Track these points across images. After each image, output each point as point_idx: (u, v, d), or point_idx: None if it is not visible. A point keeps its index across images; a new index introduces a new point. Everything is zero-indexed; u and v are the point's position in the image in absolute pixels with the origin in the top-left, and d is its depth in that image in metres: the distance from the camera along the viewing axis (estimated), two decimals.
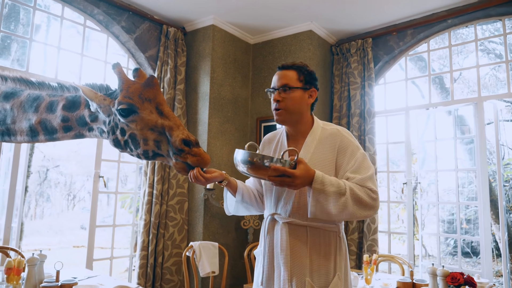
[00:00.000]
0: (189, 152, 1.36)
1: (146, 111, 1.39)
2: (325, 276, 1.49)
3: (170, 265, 3.72)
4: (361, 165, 1.50)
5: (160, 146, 1.39)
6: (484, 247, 3.40)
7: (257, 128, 4.29)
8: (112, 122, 1.44)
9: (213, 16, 3.92)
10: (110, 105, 1.43)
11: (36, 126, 1.53)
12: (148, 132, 1.38)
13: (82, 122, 1.52)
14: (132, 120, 1.39)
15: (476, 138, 3.48)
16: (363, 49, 4.05)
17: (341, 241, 1.57)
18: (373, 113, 3.93)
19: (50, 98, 1.55)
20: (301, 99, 1.59)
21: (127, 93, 1.41)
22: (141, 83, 1.46)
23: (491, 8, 3.41)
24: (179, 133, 1.36)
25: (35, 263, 2.00)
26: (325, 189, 1.38)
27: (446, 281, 1.97)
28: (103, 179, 3.57)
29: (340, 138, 1.57)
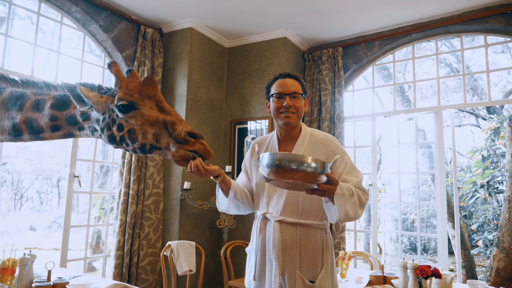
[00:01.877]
0: (195, 142, 1.42)
1: (147, 107, 1.43)
2: (314, 269, 1.63)
3: (145, 264, 3.74)
4: (351, 168, 1.66)
5: (159, 140, 1.43)
6: (441, 243, 3.73)
7: (231, 129, 4.39)
8: (108, 119, 1.46)
9: (191, 19, 3.98)
10: (107, 102, 1.45)
11: (20, 125, 1.51)
12: (148, 127, 1.42)
13: (73, 121, 1.52)
14: (132, 116, 1.42)
15: (436, 143, 3.81)
16: (333, 57, 4.27)
17: (327, 237, 1.72)
18: (342, 118, 4.17)
19: (36, 96, 1.53)
20: (302, 107, 1.75)
21: (127, 90, 1.44)
22: (140, 82, 1.50)
23: (451, 26, 3.75)
24: (184, 127, 1.42)
25: (27, 263, 2.00)
26: (344, 192, 1.46)
27: (416, 273, 2.20)
28: (78, 179, 3.53)
29: (331, 144, 1.72)
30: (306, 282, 1.59)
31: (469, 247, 6.99)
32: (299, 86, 1.74)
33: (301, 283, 1.58)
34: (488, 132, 7.72)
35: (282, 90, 1.71)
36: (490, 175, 7.46)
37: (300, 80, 1.76)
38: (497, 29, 3.59)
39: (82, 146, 7.80)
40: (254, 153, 1.86)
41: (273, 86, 1.76)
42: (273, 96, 1.74)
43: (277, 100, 1.73)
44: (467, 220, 8.11)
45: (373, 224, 4.14)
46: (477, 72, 5.04)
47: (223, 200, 1.80)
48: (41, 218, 10.77)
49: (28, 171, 10.81)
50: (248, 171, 1.87)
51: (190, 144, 1.41)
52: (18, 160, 10.48)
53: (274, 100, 1.74)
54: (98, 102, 1.45)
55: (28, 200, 11.18)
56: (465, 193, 7.92)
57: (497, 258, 4.83)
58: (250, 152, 1.89)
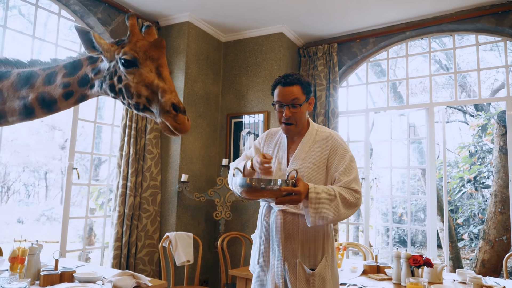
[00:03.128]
0: (175, 116, 1.42)
1: (147, 69, 1.45)
2: (314, 258, 1.71)
3: (143, 255, 3.80)
4: (348, 167, 1.70)
5: (151, 103, 1.46)
6: (430, 236, 3.86)
7: (227, 123, 4.46)
8: (112, 69, 1.50)
9: (189, 13, 4.01)
10: (116, 52, 1.48)
11: (32, 103, 1.53)
12: (143, 88, 1.45)
13: (85, 81, 1.55)
14: (130, 72, 1.45)
15: (427, 139, 3.93)
16: (329, 53, 4.35)
17: (328, 228, 1.79)
18: (337, 114, 4.26)
19: (46, 71, 1.56)
20: (305, 110, 1.80)
21: (134, 46, 1.46)
22: (149, 41, 1.50)
23: (444, 24, 3.85)
24: (171, 96, 1.43)
25: (35, 252, 2.05)
26: (320, 197, 1.56)
27: (409, 262, 2.31)
28: (76, 171, 3.56)
29: (332, 141, 1.77)
30: (307, 270, 1.66)
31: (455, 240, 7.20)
32: (299, 91, 1.75)
33: (301, 271, 1.66)
34: (475, 129, 7.92)
35: (282, 99, 1.75)
36: (477, 171, 7.67)
37: (301, 82, 1.77)
38: (488, 29, 3.70)
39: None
40: (267, 140, 1.94)
41: (275, 91, 1.80)
42: (275, 104, 1.80)
43: (278, 109, 1.78)
44: (454, 214, 8.34)
45: (364, 217, 4.26)
46: (468, 70, 5.17)
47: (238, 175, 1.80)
48: (29, 211, 10.66)
49: (15, 164, 10.69)
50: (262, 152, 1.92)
51: (169, 116, 1.42)
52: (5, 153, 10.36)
53: (276, 108, 1.80)
54: (107, 49, 1.48)
55: (15, 193, 11.06)
56: (452, 188, 8.13)
57: (482, 250, 5.01)
58: (264, 139, 1.95)
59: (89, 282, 2.10)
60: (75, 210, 9.34)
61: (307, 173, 1.73)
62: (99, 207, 7.54)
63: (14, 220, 10.19)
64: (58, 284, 2.04)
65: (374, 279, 2.51)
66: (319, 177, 1.73)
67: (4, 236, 9.19)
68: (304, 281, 1.66)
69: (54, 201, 11.10)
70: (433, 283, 2.36)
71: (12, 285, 1.59)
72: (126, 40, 1.49)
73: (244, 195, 1.55)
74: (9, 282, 1.80)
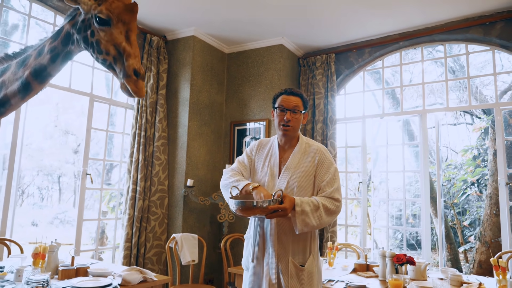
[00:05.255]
0: (135, 81, 1.60)
1: (117, 30, 1.61)
2: (303, 255, 1.92)
3: (151, 255, 4.05)
4: (332, 179, 1.93)
5: (116, 63, 1.62)
6: (425, 237, 4.03)
7: (231, 130, 4.70)
8: (86, 22, 1.63)
9: (194, 27, 4.27)
10: (92, 7, 1.61)
11: (27, 78, 1.69)
12: (111, 47, 1.60)
13: (67, 39, 1.70)
14: (102, 30, 1.59)
15: (420, 144, 4.11)
16: (327, 63, 4.56)
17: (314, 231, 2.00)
18: (335, 120, 4.46)
19: (37, 49, 1.73)
20: (300, 120, 2.03)
21: (110, 6, 1.58)
22: (124, 4, 1.62)
23: (435, 35, 4.04)
24: (134, 62, 1.60)
25: (54, 250, 2.31)
26: (305, 209, 1.79)
27: (393, 261, 2.50)
28: (90, 176, 3.83)
29: (319, 154, 1.99)
30: (298, 266, 1.88)
31: (461, 242, 7.30)
32: (300, 102, 2.01)
33: (293, 267, 1.88)
34: (479, 131, 8.02)
35: (285, 105, 2.00)
36: (480, 173, 7.76)
37: (302, 97, 2.04)
38: (477, 39, 3.88)
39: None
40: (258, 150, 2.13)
41: (278, 99, 2.04)
42: (277, 109, 2.03)
43: (279, 113, 2.01)
44: (461, 216, 8.42)
45: (362, 219, 4.44)
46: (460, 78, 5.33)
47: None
48: (43, 214, 10.96)
49: (29, 168, 11.05)
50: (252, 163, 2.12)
51: (130, 80, 1.59)
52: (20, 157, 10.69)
53: (278, 112, 2.03)
54: (85, 2, 1.63)
55: (29, 196, 11.39)
56: (457, 190, 8.22)
57: (479, 251, 5.13)
58: (256, 149, 2.14)
59: (102, 276, 2.35)
60: (88, 213, 9.65)
61: (298, 181, 1.93)
62: (111, 210, 7.84)
63: (28, 223, 10.52)
64: (74, 278, 2.30)
65: (362, 276, 2.71)
66: (308, 185, 1.95)
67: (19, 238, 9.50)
68: (295, 276, 1.87)
69: (67, 204, 11.42)
70: (416, 280, 2.55)
71: (36, 276, 1.84)
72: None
73: (239, 212, 1.76)
74: (33, 274, 2.06)
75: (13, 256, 2.69)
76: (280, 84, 4.42)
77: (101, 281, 2.20)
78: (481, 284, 2.42)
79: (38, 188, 11.44)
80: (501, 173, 3.74)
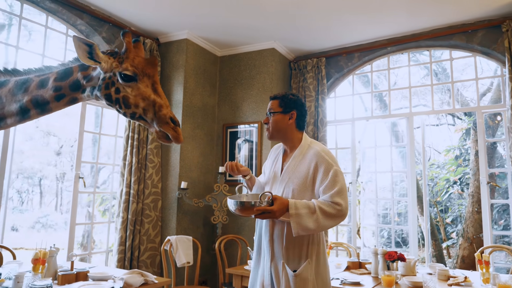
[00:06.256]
0: (174, 128, 1.66)
1: (143, 84, 1.66)
2: (298, 261, 1.90)
3: (145, 258, 4.08)
4: (331, 182, 1.86)
5: (146, 114, 1.67)
6: (412, 235, 4.18)
7: (224, 133, 4.76)
8: (108, 80, 1.64)
9: (187, 31, 4.32)
10: (113, 65, 1.63)
11: (27, 104, 1.68)
12: (140, 100, 1.66)
13: (76, 86, 1.70)
14: (129, 86, 1.63)
15: (407, 145, 4.25)
16: (317, 66, 4.67)
17: (314, 235, 1.96)
18: (325, 123, 4.57)
19: (39, 77, 1.71)
20: (281, 121, 2.03)
21: (133, 63, 1.64)
22: (145, 59, 1.68)
23: (421, 41, 4.19)
24: (168, 111, 1.68)
25: (53, 255, 2.34)
26: (299, 212, 1.77)
27: (385, 258, 2.61)
28: (83, 180, 3.84)
29: (317, 157, 1.95)
30: (289, 271, 1.87)
31: (444, 238, 7.53)
32: (275, 104, 2.05)
33: (285, 272, 1.88)
34: (461, 132, 8.28)
35: (267, 110, 2.10)
36: (462, 172, 8.02)
37: (280, 98, 2.06)
38: (460, 45, 4.05)
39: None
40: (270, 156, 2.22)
41: None
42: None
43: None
44: (443, 214, 8.67)
45: (353, 219, 4.57)
46: (444, 82, 5.52)
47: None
48: (23, 218, 10.68)
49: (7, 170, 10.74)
50: (265, 171, 2.22)
51: (168, 127, 1.66)
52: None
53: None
54: (106, 61, 1.63)
55: (8, 200, 11.11)
56: (440, 189, 8.48)
57: (462, 247, 5.33)
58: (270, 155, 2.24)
59: (102, 280, 2.39)
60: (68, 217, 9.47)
61: (295, 186, 1.94)
62: (102, 214, 7.79)
63: (8, 228, 10.28)
64: (74, 283, 2.33)
65: (355, 273, 2.82)
66: (306, 189, 1.93)
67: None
68: (286, 281, 1.86)
69: (49, 208, 11.20)
70: (406, 275, 2.67)
71: (41, 281, 1.87)
72: (122, 55, 1.65)
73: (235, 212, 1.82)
74: (33, 280, 2.08)
75: (9, 262, 2.66)
76: (272, 87, 4.51)
77: (103, 285, 2.24)
78: (466, 278, 2.56)
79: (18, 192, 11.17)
80: (482, 172, 3.91)
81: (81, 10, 3.75)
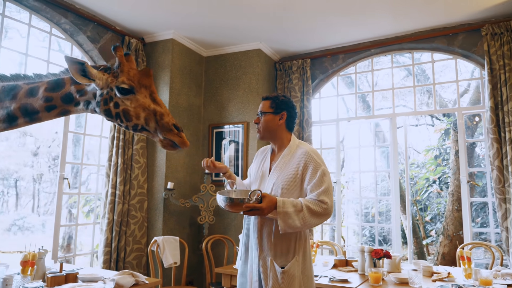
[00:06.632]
0: (178, 134, 1.67)
1: (142, 95, 1.67)
2: (285, 257, 1.95)
3: (131, 259, 4.04)
4: (319, 181, 1.93)
5: (148, 123, 1.67)
6: (395, 233, 4.28)
7: (209, 133, 4.76)
8: (106, 95, 1.63)
9: (173, 31, 4.30)
10: (108, 80, 1.63)
11: (15, 112, 1.63)
12: (141, 111, 1.66)
13: (68, 99, 1.67)
14: (128, 99, 1.63)
15: (390, 145, 4.35)
16: (303, 67, 4.73)
17: (301, 232, 2.01)
18: (311, 123, 4.63)
19: (29, 85, 1.66)
20: (271, 121, 2.08)
21: (128, 75, 1.63)
22: (139, 71, 1.68)
23: (404, 43, 4.30)
24: (170, 118, 1.68)
25: (42, 257, 2.30)
26: (287, 210, 1.82)
27: (371, 255, 2.68)
28: (67, 181, 3.78)
29: (306, 157, 2.01)
30: (277, 268, 1.91)
31: (423, 236, 7.72)
32: (267, 104, 2.11)
33: (273, 268, 1.92)
34: (440, 133, 8.51)
35: (258, 111, 2.14)
36: (441, 172, 8.24)
37: (272, 99, 2.11)
38: (441, 48, 4.17)
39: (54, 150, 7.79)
40: (256, 158, 2.26)
41: None
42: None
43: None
44: (423, 212, 8.89)
45: (337, 217, 4.64)
46: (426, 84, 5.68)
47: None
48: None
49: None
50: (250, 173, 2.26)
51: (173, 134, 1.66)
52: None
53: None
54: (100, 78, 1.62)
55: None
56: (420, 188, 8.68)
57: (442, 244, 5.48)
58: (255, 158, 2.28)
59: (92, 281, 2.37)
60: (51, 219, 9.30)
61: (284, 184, 1.98)
62: (85, 215, 7.66)
63: None
64: (64, 285, 2.30)
65: (342, 271, 2.88)
66: (294, 188, 1.98)
67: None
68: (274, 277, 1.90)
69: (26, 209, 10.94)
70: (392, 272, 2.75)
71: (32, 284, 1.85)
72: (117, 70, 1.65)
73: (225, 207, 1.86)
74: (23, 283, 2.05)
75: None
76: (258, 88, 4.54)
77: (93, 286, 2.22)
78: (449, 273, 2.65)
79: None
80: (462, 172, 4.04)
81: (66, 8, 3.69)
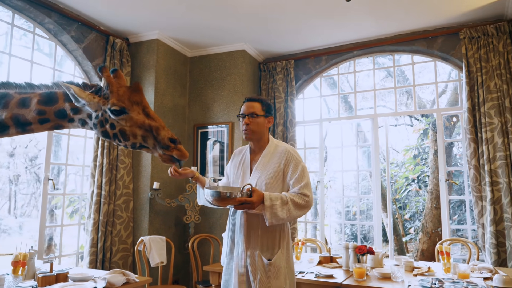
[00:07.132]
0: (175, 147, 1.69)
1: (135, 112, 1.67)
2: (271, 250, 2.06)
3: (117, 259, 4.04)
4: (300, 176, 2.08)
5: (146, 140, 1.68)
6: (377, 230, 4.41)
7: (194, 133, 4.79)
8: (101, 117, 1.63)
9: (158, 31, 4.31)
10: (99, 103, 1.62)
11: (6, 121, 1.61)
12: (137, 129, 1.66)
13: (62, 115, 1.65)
14: (122, 119, 1.62)
15: (372, 145, 4.48)
16: (286, 68, 4.81)
17: (284, 226, 2.15)
18: (294, 123, 4.72)
19: (20, 95, 1.63)
20: (262, 123, 2.19)
21: (119, 96, 1.62)
22: (128, 87, 1.67)
23: (385, 46, 4.43)
24: (166, 132, 1.69)
25: (32, 257, 2.30)
26: (273, 203, 1.96)
27: (355, 251, 2.78)
28: (52, 181, 3.75)
29: (286, 154, 2.15)
30: (264, 260, 2.01)
31: (402, 234, 7.94)
32: (258, 106, 2.18)
33: (260, 261, 2.01)
34: (418, 133, 8.75)
35: (243, 111, 2.19)
36: (420, 171, 8.49)
37: (261, 101, 2.20)
38: (421, 51, 4.32)
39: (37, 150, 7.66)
40: (233, 158, 2.34)
41: (240, 109, 2.23)
42: (239, 117, 2.22)
43: (241, 119, 2.20)
44: (402, 210, 9.13)
45: (320, 216, 4.74)
46: (405, 86, 5.86)
47: (199, 195, 2.25)
48: None
49: None
50: (228, 173, 2.33)
51: (170, 149, 1.69)
52: None
53: (240, 120, 2.22)
54: (90, 101, 1.61)
55: None
56: (399, 187, 8.91)
57: (422, 241, 5.67)
58: (232, 158, 2.35)
59: (83, 281, 2.38)
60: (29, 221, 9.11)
61: (268, 180, 2.10)
62: (69, 216, 7.55)
63: None
64: (55, 284, 2.30)
65: (328, 267, 2.97)
66: (276, 184, 2.11)
67: None
68: (262, 270, 2.00)
69: (2, 211, 10.69)
70: (375, 267, 2.85)
71: (25, 283, 1.86)
72: (107, 91, 1.64)
73: (214, 202, 1.93)
74: (16, 283, 2.05)
75: None
76: (242, 88, 4.59)
77: (85, 285, 2.24)
78: (429, 268, 2.78)
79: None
80: (441, 171, 4.20)
81: (49, 8, 3.66)
